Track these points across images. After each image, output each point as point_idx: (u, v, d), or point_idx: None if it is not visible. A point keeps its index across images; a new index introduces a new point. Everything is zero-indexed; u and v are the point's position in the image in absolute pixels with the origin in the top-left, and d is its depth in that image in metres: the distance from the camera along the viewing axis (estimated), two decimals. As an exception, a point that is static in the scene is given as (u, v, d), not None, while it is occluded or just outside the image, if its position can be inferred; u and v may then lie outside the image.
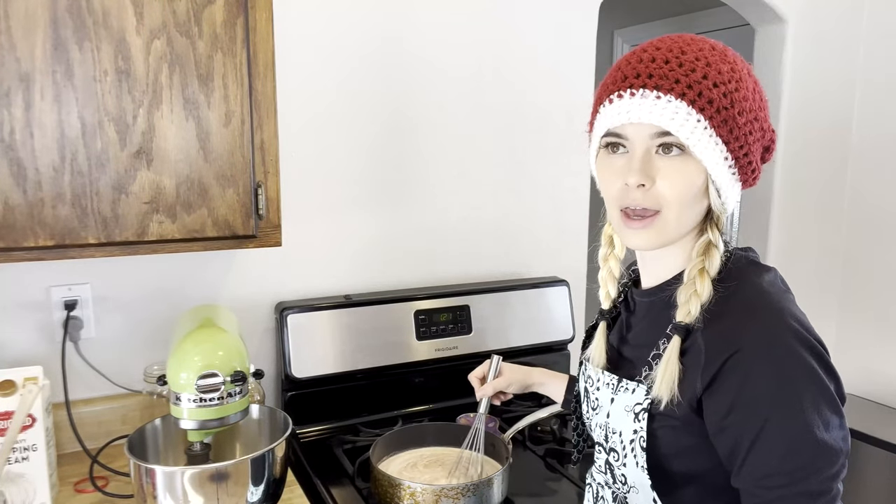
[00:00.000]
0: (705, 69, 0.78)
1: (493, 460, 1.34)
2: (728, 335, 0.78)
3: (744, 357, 0.76)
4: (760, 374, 0.75)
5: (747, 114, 0.80)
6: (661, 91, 0.77)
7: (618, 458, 0.88)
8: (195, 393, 1.07)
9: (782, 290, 0.83)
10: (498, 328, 1.73)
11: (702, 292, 0.81)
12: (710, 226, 0.84)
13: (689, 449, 0.83)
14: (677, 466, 0.84)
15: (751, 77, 0.82)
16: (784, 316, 0.77)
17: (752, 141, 0.81)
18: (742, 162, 0.81)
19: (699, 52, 0.79)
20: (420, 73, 1.70)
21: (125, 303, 1.46)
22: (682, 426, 0.81)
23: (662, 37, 0.84)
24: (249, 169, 1.22)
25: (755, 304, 0.79)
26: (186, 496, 1.05)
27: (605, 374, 0.92)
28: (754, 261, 0.87)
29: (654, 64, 0.79)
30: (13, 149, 1.05)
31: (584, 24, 1.91)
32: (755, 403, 0.75)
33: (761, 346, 0.76)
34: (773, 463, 0.74)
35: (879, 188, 2.42)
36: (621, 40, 3.29)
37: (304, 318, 1.52)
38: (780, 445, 0.74)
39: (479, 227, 1.84)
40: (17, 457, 1.16)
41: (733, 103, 0.78)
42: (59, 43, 1.06)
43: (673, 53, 0.79)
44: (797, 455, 0.74)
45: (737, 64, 0.81)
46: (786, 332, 0.76)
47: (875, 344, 2.45)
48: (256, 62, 1.20)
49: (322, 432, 1.55)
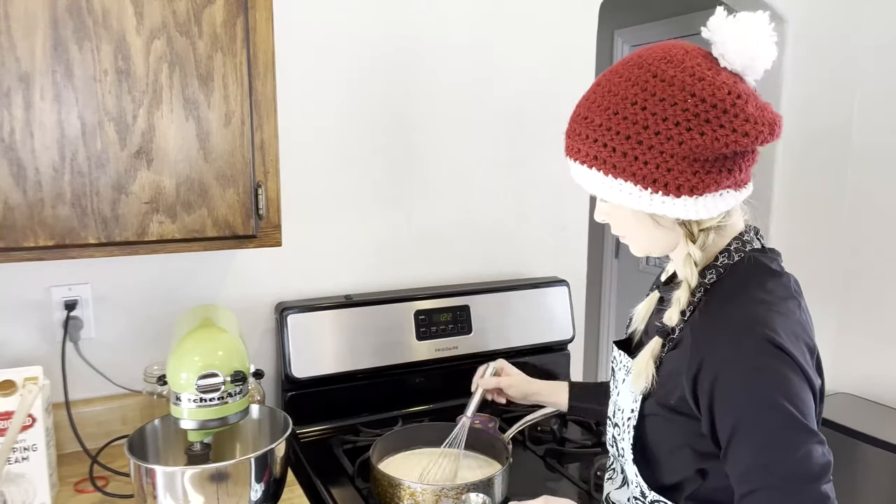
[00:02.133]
0: (586, 129, 0.86)
1: (492, 460, 1.34)
2: (708, 336, 0.84)
3: (715, 361, 0.82)
4: (728, 378, 0.81)
5: (634, 148, 0.82)
6: (568, 156, 0.91)
7: (619, 431, 0.98)
8: (195, 393, 1.07)
9: (780, 297, 0.85)
10: (498, 328, 1.73)
11: (681, 300, 0.89)
12: (686, 240, 0.89)
13: (676, 430, 0.89)
14: (663, 445, 0.92)
15: (649, 101, 0.81)
16: (760, 326, 0.81)
17: (654, 166, 0.82)
18: (657, 187, 0.83)
19: (590, 107, 0.87)
20: (420, 73, 1.70)
21: (125, 303, 1.46)
22: (670, 408, 0.88)
23: (594, 82, 0.91)
24: (249, 169, 1.22)
25: (739, 311, 0.84)
26: (186, 496, 1.05)
27: (623, 356, 1.01)
28: (763, 264, 0.89)
29: (566, 129, 0.91)
30: (13, 149, 1.05)
31: (584, 24, 1.91)
32: (727, 405, 0.81)
33: (731, 352, 0.81)
34: (745, 461, 0.80)
35: (880, 188, 2.42)
36: (621, 40, 3.29)
37: (304, 318, 1.52)
38: (749, 445, 0.80)
39: (480, 227, 1.84)
40: (17, 457, 1.16)
41: (615, 149, 0.84)
42: (59, 43, 1.06)
43: (573, 118, 0.90)
44: (764, 454, 0.78)
45: (622, 101, 0.83)
46: (756, 340, 0.80)
47: (875, 344, 2.45)
48: (256, 62, 1.20)
49: (322, 432, 1.55)
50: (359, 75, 1.63)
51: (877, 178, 2.43)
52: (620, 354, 1.02)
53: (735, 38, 0.82)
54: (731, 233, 0.91)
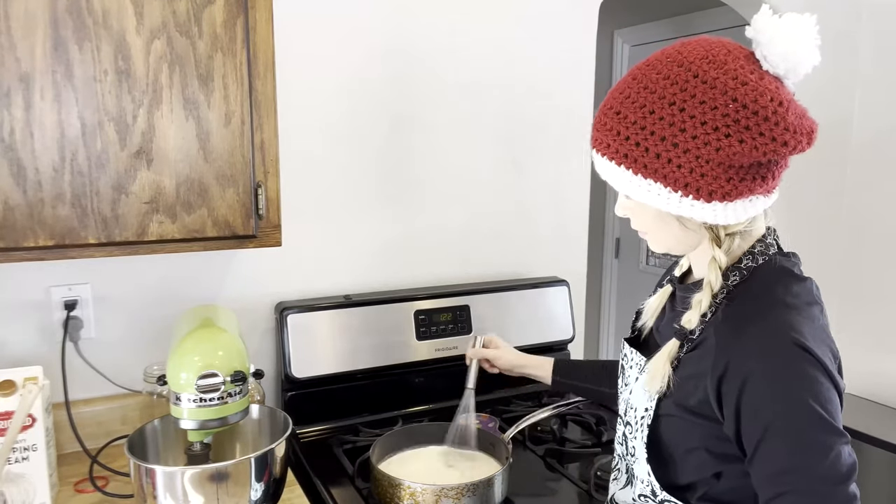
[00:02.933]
0: (619, 125, 0.84)
1: (493, 460, 1.34)
2: (734, 339, 0.82)
3: (743, 363, 0.80)
4: (757, 381, 0.79)
5: (668, 150, 0.80)
6: (595, 150, 0.88)
7: (631, 430, 0.97)
8: (195, 393, 1.07)
9: (805, 302, 0.85)
10: (498, 328, 1.73)
11: (703, 303, 0.87)
12: (710, 243, 0.88)
13: (694, 431, 0.88)
14: (679, 445, 0.90)
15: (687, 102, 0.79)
16: (788, 329, 0.80)
17: (688, 170, 0.80)
18: (688, 190, 0.81)
19: (623, 101, 0.84)
20: (420, 73, 1.70)
21: (125, 303, 1.46)
22: (690, 409, 0.87)
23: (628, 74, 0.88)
24: (249, 169, 1.22)
25: (767, 314, 0.83)
26: (186, 496, 1.05)
27: (636, 354, 1.00)
28: (787, 269, 0.89)
29: (594, 121, 0.88)
30: (13, 149, 1.05)
31: (584, 24, 1.91)
32: (756, 408, 0.80)
33: (759, 355, 0.80)
34: (775, 464, 0.79)
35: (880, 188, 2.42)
36: (621, 40, 3.29)
37: (304, 318, 1.52)
38: (778, 448, 0.78)
39: (480, 226, 1.84)
40: (17, 457, 1.16)
41: (648, 149, 0.82)
42: (59, 43, 1.06)
43: (604, 109, 0.87)
44: (794, 457, 0.78)
45: (660, 101, 0.81)
46: (785, 342, 0.79)
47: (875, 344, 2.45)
48: (256, 62, 1.20)
49: (322, 432, 1.55)
50: (359, 75, 1.63)
51: (877, 178, 2.42)
52: (632, 352, 1.01)
53: (781, 40, 0.79)
54: (754, 236, 0.90)
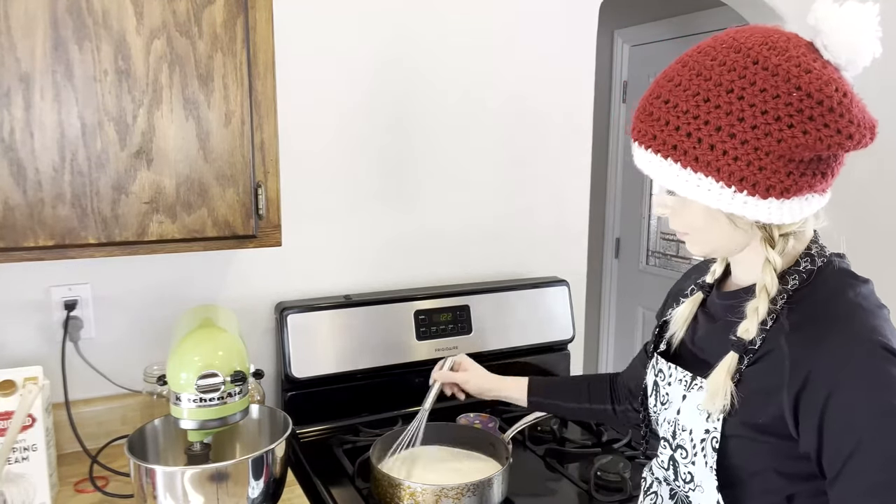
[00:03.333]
0: (668, 114, 0.78)
1: (493, 460, 1.34)
2: (814, 347, 0.76)
3: (828, 373, 0.74)
4: (847, 391, 0.73)
5: (725, 142, 0.75)
6: (638, 142, 0.82)
7: (686, 455, 0.87)
8: (195, 393, 1.07)
9: (876, 305, 0.80)
10: (498, 328, 1.73)
11: (760, 310, 0.81)
12: (764, 243, 0.82)
13: (762, 451, 0.82)
14: (746, 468, 0.83)
15: (746, 91, 0.74)
16: (872, 333, 0.75)
17: (745, 163, 0.75)
18: (742, 186, 0.76)
19: (673, 90, 0.79)
20: (420, 73, 1.70)
21: (125, 303, 1.46)
22: (760, 428, 0.80)
23: (681, 57, 0.82)
24: (249, 169, 1.22)
25: (845, 318, 0.77)
26: (186, 496, 1.05)
27: (677, 370, 0.91)
28: (849, 270, 0.84)
29: (637, 114, 0.83)
30: (13, 149, 1.05)
31: (584, 24, 1.91)
32: (845, 420, 0.73)
33: (847, 363, 0.74)
34: (868, 480, 0.72)
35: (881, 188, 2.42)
36: (621, 40, 3.29)
37: (304, 318, 1.52)
38: (874, 462, 0.72)
39: (480, 226, 1.84)
40: (17, 457, 1.16)
41: (701, 139, 0.76)
42: (59, 43, 1.06)
43: (650, 98, 0.81)
44: (892, 471, 0.71)
45: (716, 88, 0.76)
46: (873, 348, 0.74)
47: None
48: (256, 62, 1.20)
49: (322, 432, 1.55)
50: (359, 75, 1.63)
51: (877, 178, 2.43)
52: (671, 367, 0.92)
53: (844, 28, 0.75)
54: (808, 237, 0.86)
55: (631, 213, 3.37)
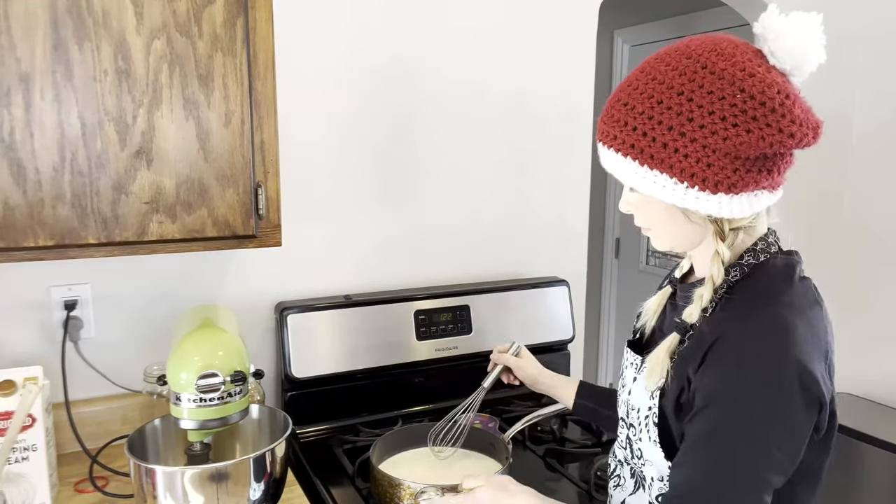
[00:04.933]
0: (626, 115, 0.84)
1: (493, 460, 1.34)
2: (722, 326, 0.83)
3: (729, 348, 0.81)
4: (733, 352, 0.81)
5: (676, 140, 0.80)
6: (602, 143, 0.88)
7: (635, 432, 0.95)
8: (195, 393, 1.07)
9: (808, 303, 0.85)
10: (498, 328, 1.73)
11: (704, 297, 0.87)
12: (714, 237, 0.87)
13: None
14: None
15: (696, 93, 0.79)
16: (779, 316, 0.81)
17: (694, 160, 0.80)
18: (695, 181, 0.81)
19: (631, 93, 0.84)
20: (420, 73, 1.70)
21: (125, 303, 1.46)
22: (685, 408, 0.86)
23: (637, 68, 0.88)
24: (249, 169, 1.22)
25: (763, 311, 0.83)
26: (186, 496, 1.05)
27: (631, 353, 1.00)
28: (788, 267, 0.89)
29: (602, 116, 0.88)
30: (13, 149, 1.05)
31: (584, 24, 1.91)
32: (712, 376, 0.81)
33: (748, 340, 0.80)
34: (696, 434, 0.82)
35: (879, 188, 2.42)
36: (621, 40, 3.29)
37: (304, 318, 1.52)
38: (708, 423, 0.80)
39: (480, 226, 1.84)
40: (17, 457, 1.16)
41: (655, 139, 0.82)
42: (59, 43, 1.06)
43: (611, 102, 0.87)
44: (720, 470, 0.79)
45: (668, 91, 0.81)
46: (768, 325, 0.80)
47: (875, 344, 2.45)
48: (256, 62, 1.20)
49: (322, 432, 1.55)
50: (359, 75, 1.63)
51: (877, 178, 2.43)
52: (628, 352, 1.01)
53: (787, 35, 0.81)
54: (758, 233, 0.91)
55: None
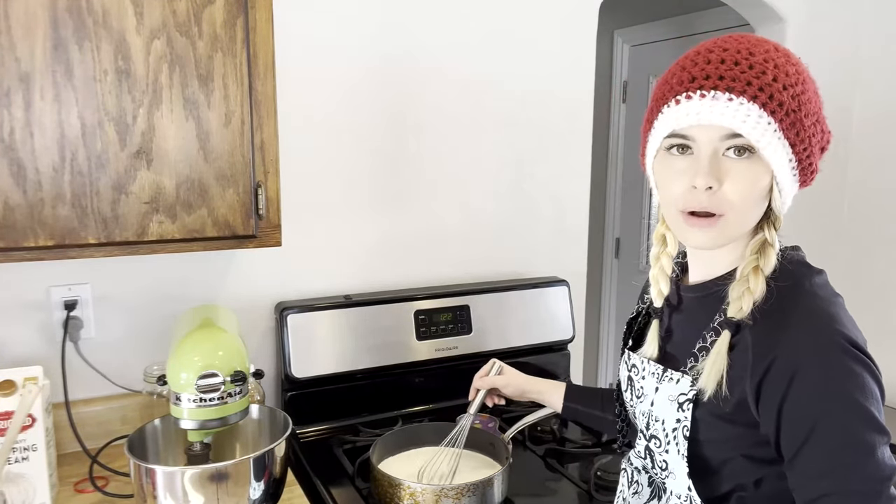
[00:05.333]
0: (774, 71, 0.79)
1: (492, 460, 1.34)
2: (778, 336, 0.79)
3: (791, 359, 0.77)
4: (807, 377, 0.76)
5: (811, 116, 0.81)
6: (734, 93, 0.78)
7: (659, 444, 0.91)
8: (195, 393, 1.07)
9: (832, 293, 0.84)
10: (498, 328, 1.73)
11: (755, 290, 0.82)
12: (768, 225, 0.85)
13: (730, 439, 0.85)
14: (716, 455, 0.86)
15: (811, 79, 0.83)
16: (833, 322, 0.78)
17: (815, 143, 0.83)
18: (804, 163, 0.83)
19: (766, 53, 0.80)
20: (420, 73, 1.70)
21: (125, 303, 1.46)
22: (727, 417, 0.83)
23: (725, 37, 0.84)
24: (249, 169, 1.22)
25: (806, 308, 0.81)
26: (186, 496, 1.05)
27: (650, 363, 0.94)
28: (806, 262, 0.88)
29: (724, 66, 0.79)
30: (13, 149, 1.05)
31: (584, 24, 1.91)
32: (803, 405, 0.77)
33: (809, 350, 0.77)
34: (821, 463, 0.76)
35: (880, 188, 2.42)
36: (621, 40, 3.29)
37: (304, 318, 1.52)
38: (827, 446, 0.76)
39: (480, 226, 1.84)
40: (17, 457, 1.16)
41: (800, 106, 0.80)
42: (59, 43, 1.06)
43: (742, 55, 0.79)
44: (844, 455, 0.75)
45: (800, 66, 0.82)
46: (834, 337, 0.77)
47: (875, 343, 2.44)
48: (256, 62, 1.20)
49: (322, 432, 1.55)
50: (359, 75, 1.63)
51: (877, 178, 2.43)
52: (644, 362, 0.95)
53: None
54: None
55: (631, 213, 3.37)
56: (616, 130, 3.36)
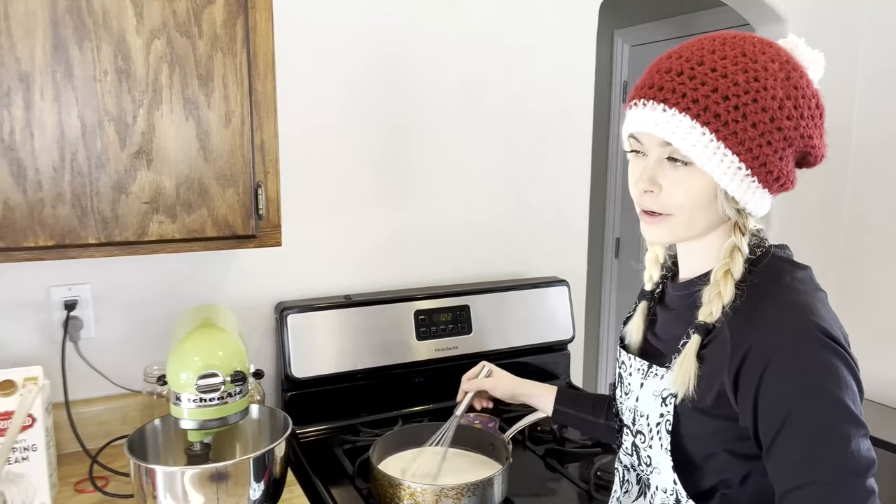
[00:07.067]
0: (717, 82, 0.79)
1: (492, 460, 1.34)
2: (753, 329, 0.80)
3: (765, 348, 0.78)
4: (781, 366, 0.77)
5: (765, 124, 0.79)
6: (667, 104, 0.80)
7: (644, 440, 0.93)
8: (195, 393, 1.07)
9: (813, 288, 0.84)
10: (498, 328, 1.73)
11: (724, 294, 0.83)
12: (735, 230, 0.86)
13: (713, 433, 0.86)
14: (699, 449, 0.88)
15: (784, 83, 0.80)
16: (809, 314, 0.79)
17: (772, 150, 0.80)
18: (760, 171, 0.80)
19: (719, 61, 0.80)
20: (420, 72, 1.70)
21: (125, 303, 1.46)
22: (708, 411, 0.84)
23: (696, 40, 0.84)
24: (249, 169, 1.22)
25: (783, 300, 0.82)
26: (186, 496, 1.05)
27: (636, 360, 0.96)
28: (788, 259, 0.89)
29: (667, 76, 0.81)
30: (13, 149, 1.05)
31: (584, 24, 1.91)
32: (777, 394, 0.77)
33: (783, 339, 0.78)
34: (796, 453, 0.77)
35: (879, 188, 2.42)
36: (621, 40, 3.29)
37: (304, 318, 1.52)
38: (800, 435, 0.77)
39: (480, 226, 1.84)
40: (17, 457, 1.16)
41: (746, 115, 0.78)
42: (59, 43, 1.06)
43: (690, 63, 0.81)
44: (818, 445, 0.76)
45: (763, 72, 0.79)
46: (808, 328, 0.78)
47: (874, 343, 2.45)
48: (256, 62, 1.20)
49: (322, 432, 1.55)
50: (359, 75, 1.63)
51: (877, 178, 2.43)
52: (631, 358, 0.97)
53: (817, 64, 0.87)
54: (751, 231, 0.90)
55: (631, 213, 3.36)
56: (616, 130, 3.36)
